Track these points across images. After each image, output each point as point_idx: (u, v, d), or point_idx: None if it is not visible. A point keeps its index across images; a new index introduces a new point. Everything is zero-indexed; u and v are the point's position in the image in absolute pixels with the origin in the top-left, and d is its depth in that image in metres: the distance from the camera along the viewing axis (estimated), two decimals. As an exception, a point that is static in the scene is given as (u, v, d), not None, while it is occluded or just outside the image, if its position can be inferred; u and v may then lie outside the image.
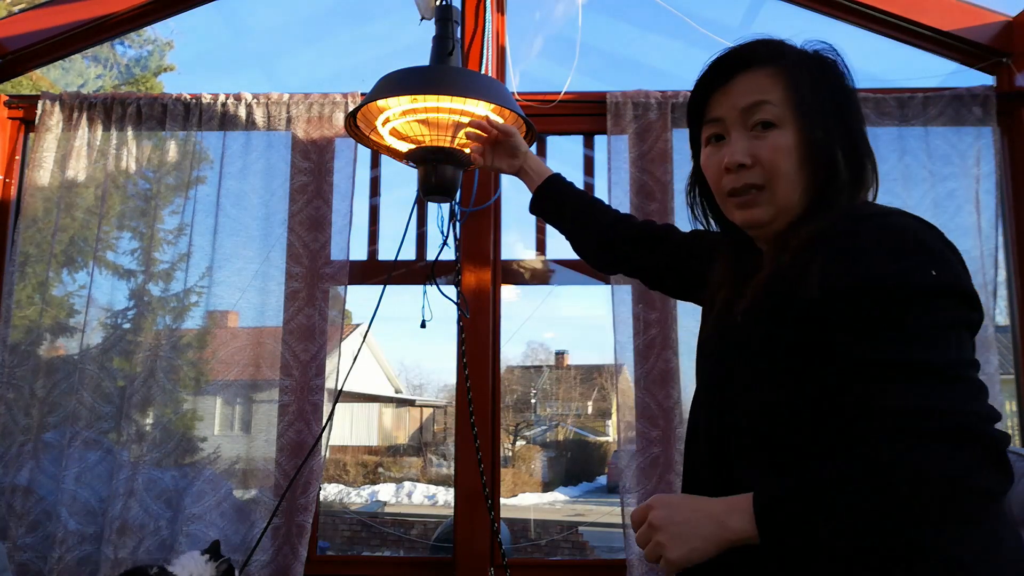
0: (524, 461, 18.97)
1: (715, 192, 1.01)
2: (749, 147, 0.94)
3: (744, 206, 0.96)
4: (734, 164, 0.94)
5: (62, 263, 2.31)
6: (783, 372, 0.88)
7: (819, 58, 0.97)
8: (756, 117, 0.94)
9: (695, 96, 1.01)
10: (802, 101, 0.93)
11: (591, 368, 24.23)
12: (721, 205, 1.02)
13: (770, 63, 0.95)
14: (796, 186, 0.94)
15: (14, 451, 2.13)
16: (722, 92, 0.97)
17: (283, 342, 2.18)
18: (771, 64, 0.95)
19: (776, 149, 0.93)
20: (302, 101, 2.28)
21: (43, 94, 2.31)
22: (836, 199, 0.92)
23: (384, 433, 21.27)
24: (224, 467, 2.18)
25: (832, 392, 0.83)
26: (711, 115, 0.99)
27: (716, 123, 0.98)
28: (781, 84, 0.94)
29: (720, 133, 0.98)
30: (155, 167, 2.29)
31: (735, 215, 0.98)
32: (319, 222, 2.23)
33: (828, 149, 0.93)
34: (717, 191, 1.00)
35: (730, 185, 0.96)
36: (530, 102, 2.28)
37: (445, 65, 1.72)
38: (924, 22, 2.26)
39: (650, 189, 2.21)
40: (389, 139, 1.74)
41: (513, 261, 2.34)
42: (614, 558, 2.21)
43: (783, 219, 0.95)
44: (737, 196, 0.96)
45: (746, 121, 0.95)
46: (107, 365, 2.20)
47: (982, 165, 2.20)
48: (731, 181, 0.96)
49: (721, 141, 0.98)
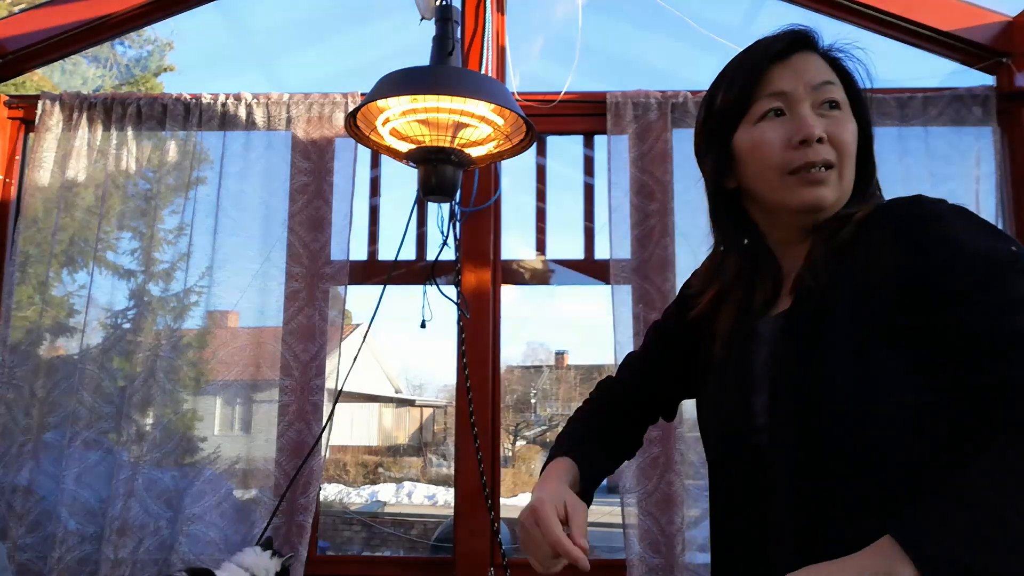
0: (524, 461, 18.98)
1: (768, 172, 0.92)
2: (822, 123, 0.90)
3: (814, 183, 0.89)
4: (814, 136, 0.88)
5: (62, 263, 2.31)
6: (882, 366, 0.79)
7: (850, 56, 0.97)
8: (826, 96, 0.91)
9: (751, 67, 0.94)
10: (857, 94, 0.94)
11: (591, 368, 24.24)
12: (770, 189, 0.93)
13: (821, 53, 0.95)
14: (853, 174, 0.92)
15: (14, 451, 2.13)
16: (783, 65, 0.92)
17: (283, 342, 2.18)
18: (829, 53, 0.95)
19: (847, 129, 0.91)
20: (302, 101, 2.28)
21: (43, 94, 2.31)
22: (873, 195, 0.94)
23: (384, 433, 21.28)
24: (224, 467, 2.18)
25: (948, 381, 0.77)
26: (774, 88, 0.92)
27: (780, 96, 0.91)
28: (838, 73, 0.94)
29: (781, 108, 0.92)
30: (155, 167, 2.29)
31: (799, 194, 0.90)
32: (319, 222, 2.23)
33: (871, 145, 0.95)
34: (775, 169, 0.91)
35: (801, 160, 0.89)
36: (530, 102, 2.28)
37: (445, 65, 1.72)
38: (924, 22, 2.26)
39: (650, 189, 2.21)
40: (389, 139, 1.74)
41: (513, 261, 2.34)
42: (614, 558, 2.21)
43: (837, 208, 0.91)
44: (806, 172, 0.89)
45: (815, 99, 0.91)
46: (107, 365, 2.20)
47: (982, 165, 2.20)
48: (803, 156, 0.89)
49: (781, 117, 0.92)
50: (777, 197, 0.92)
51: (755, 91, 0.93)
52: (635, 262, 2.19)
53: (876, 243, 0.83)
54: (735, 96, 0.94)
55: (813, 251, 0.90)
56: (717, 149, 0.97)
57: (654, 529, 2.05)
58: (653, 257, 2.18)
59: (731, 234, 1.02)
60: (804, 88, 0.91)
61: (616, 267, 2.20)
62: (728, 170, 0.98)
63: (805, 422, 0.82)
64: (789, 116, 0.91)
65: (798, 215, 0.92)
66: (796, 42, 0.93)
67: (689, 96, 2.25)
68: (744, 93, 0.94)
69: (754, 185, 0.95)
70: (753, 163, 0.93)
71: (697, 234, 2.17)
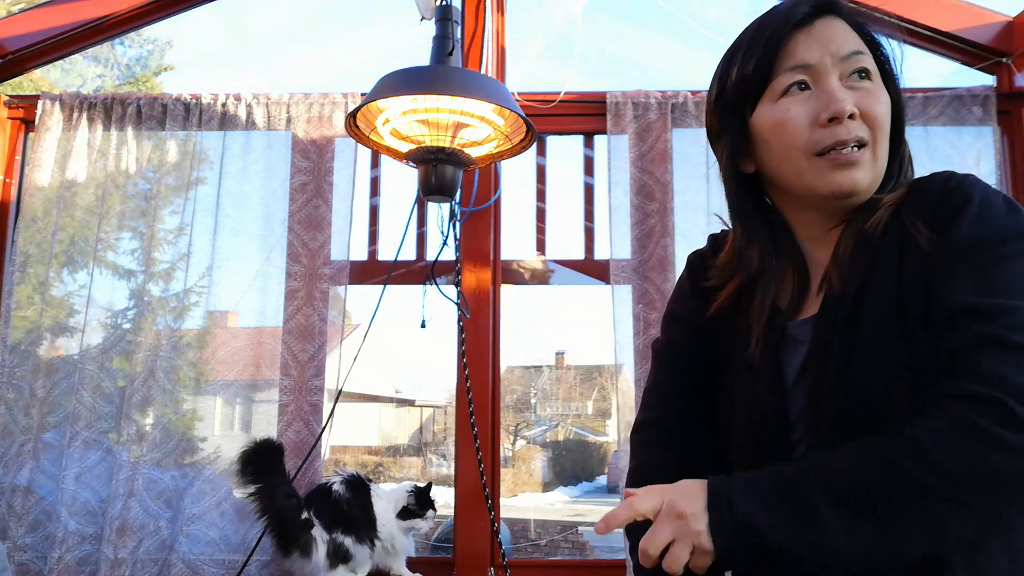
0: (524, 461, 18.99)
1: (792, 154, 0.83)
2: (852, 97, 0.81)
3: (847, 165, 0.80)
4: (844, 113, 0.79)
5: (62, 263, 2.31)
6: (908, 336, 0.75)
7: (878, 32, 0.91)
8: (857, 64, 0.82)
9: (771, 36, 0.84)
10: (887, 66, 0.87)
11: (591, 368, 24.25)
12: (796, 173, 0.84)
13: (853, 16, 0.86)
14: (887, 152, 0.84)
15: (14, 451, 2.13)
16: (806, 33, 0.83)
17: (283, 342, 2.18)
18: (854, 18, 0.86)
19: (880, 101, 0.82)
20: (302, 101, 2.28)
21: (43, 94, 2.31)
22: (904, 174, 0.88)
23: (384, 433, 21.29)
24: (224, 467, 2.17)
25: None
26: (798, 59, 0.82)
27: (804, 69, 0.82)
28: (865, 42, 0.86)
29: (806, 82, 0.82)
30: (155, 167, 2.29)
31: (830, 178, 0.81)
32: (319, 222, 2.23)
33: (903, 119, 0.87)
34: (801, 150, 0.82)
35: (831, 139, 0.80)
36: (530, 102, 2.28)
37: (445, 65, 1.72)
38: (924, 22, 2.26)
39: (650, 189, 2.21)
40: (389, 139, 1.74)
41: (513, 261, 2.34)
42: (614, 558, 2.21)
43: (870, 192, 0.84)
44: (837, 153, 0.80)
45: (843, 70, 0.82)
46: (107, 365, 2.20)
47: (982, 165, 2.20)
48: (833, 135, 0.80)
49: (806, 91, 0.83)
50: (805, 182, 0.83)
51: (776, 63, 0.83)
52: (635, 262, 2.19)
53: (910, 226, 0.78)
54: (753, 69, 0.85)
55: (840, 246, 0.83)
56: (733, 129, 0.88)
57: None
58: (653, 257, 2.18)
59: (754, 223, 0.91)
60: (831, 58, 0.82)
61: (616, 267, 2.20)
62: (746, 152, 0.89)
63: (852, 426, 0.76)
64: (815, 90, 0.82)
65: (829, 201, 0.84)
66: (820, 7, 0.84)
67: (689, 96, 2.25)
68: (764, 65, 0.84)
69: (778, 169, 0.86)
70: (776, 144, 0.84)
71: (697, 234, 2.17)
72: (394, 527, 2.01)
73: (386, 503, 2.03)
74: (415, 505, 2.02)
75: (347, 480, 2.01)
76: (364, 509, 1.98)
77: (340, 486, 1.99)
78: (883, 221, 0.81)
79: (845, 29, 0.84)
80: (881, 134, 0.82)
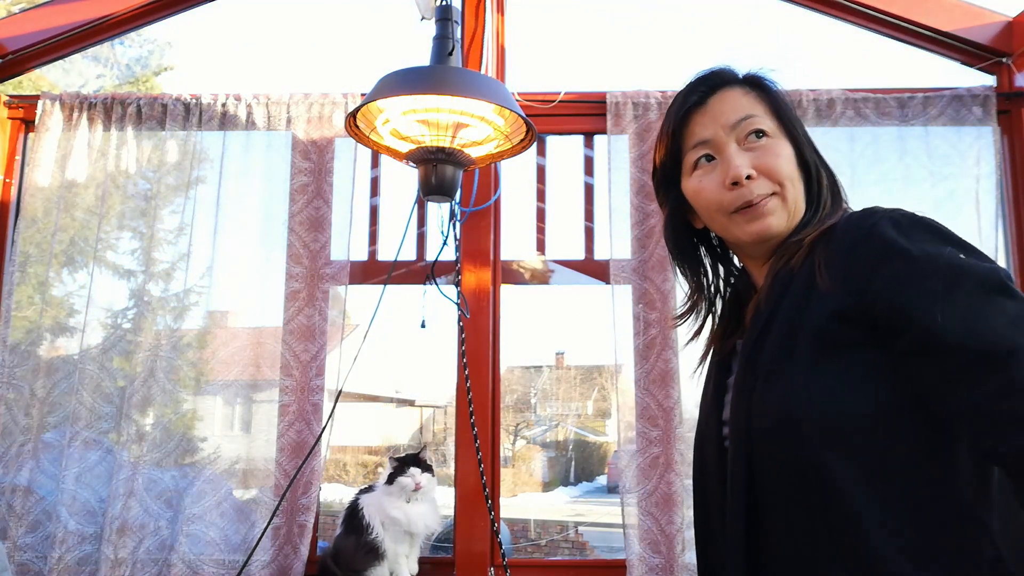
0: (524, 461, 18.98)
1: (715, 215, 0.96)
2: (749, 159, 0.92)
3: (758, 216, 0.92)
4: (741, 176, 0.91)
5: (62, 263, 2.31)
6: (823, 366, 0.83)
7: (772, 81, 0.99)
8: (748, 128, 0.93)
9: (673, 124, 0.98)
10: (785, 114, 0.96)
11: (591, 368, 24.23)
12: (722, 228, 0.97)
13: (740, 84, 0.97)
14: (800, 192, 0.94)
15: (14, 451, 2.13)
16: (701, 113, 0.96)
17: (283, 342, 2.18)
18: (741, 85, 0.97)
19: (777, 155, 0.93)
20: (302, 101, 2.28)
21: (43, 94, 2.31)
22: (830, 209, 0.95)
23: (384, 433, 21.28)
24: (224, 467, 2.17)
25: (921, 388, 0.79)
26: (697, 138, 0.96)
27: (704, 144, 0.95)
28: (760, 101, 0.96)
29: (710, 154, 0.95)
30: (155, 167, 2.29)
31: (746, 229, 0.93)
32: (319, 222, 2.23)
33: (815, 159, 0.97)
34: (719, 211, 0.95)
35: (739, 200, 0.92)
36: (530, 102, 2.28)
37: (445, 65, 1.72)
38: (924, 22, 2.26)
39: (650, 189, 2.21)
40: (389, 139, 1.74)
41: (513, 261, 2.34)
42: (614, 558, 2.21)
43: (791, 227, 0.94)
44: (747, 209, 0.92)
45: (738, 135, 0.94)
46: (107, 365, 2.20)
47: (982, 165, 2.20)
48: (739, 196, 0.92)
49: (712, 161, 0.95)
50: (730, 234, 0.97)
51: (682, 144, 0.98)
52: (635, 262, 2.19)
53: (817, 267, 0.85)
54: (666, 152, 1.00)
55: (765, 278, 0.94)
56: (671, 199, 1.03)
57: (654, 529, 2.06)
58: (653, 257, 2.18)
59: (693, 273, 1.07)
60: (723, 129, 0.94)
61: (616, 267, 2.20)
62: (690, 211, 1.02)
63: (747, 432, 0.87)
64: (719, 159, 0.94)
65: (754, 247, 0.96)
66: (711, 87, 0.97)
67: (689, 96, 2.25)
68: (673, 148, 0.99)
69: (711, 226, 1.00)
70: (700, 208, 0.98)
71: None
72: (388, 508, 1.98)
73: (377, 495, 2.03)
74: (396, 470, 2.00)
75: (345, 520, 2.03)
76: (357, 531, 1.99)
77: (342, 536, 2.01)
78: (801, 256, 0.89)
79: (738, 97, 0.96)
80: (787, 182, 0.93)
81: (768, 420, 0.85)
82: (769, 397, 0.85)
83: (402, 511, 1.98)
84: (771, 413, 0.85)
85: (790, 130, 0.96)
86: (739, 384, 0.91)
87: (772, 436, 0.84)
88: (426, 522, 2.01)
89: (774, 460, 0.85)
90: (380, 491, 2.02)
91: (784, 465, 0.84)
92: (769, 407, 0.85)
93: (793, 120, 0.96)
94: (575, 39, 53.11)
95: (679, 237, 1.05)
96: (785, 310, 0.87)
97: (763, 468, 0.86)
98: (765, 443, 0.85)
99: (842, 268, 0.83)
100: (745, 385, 0.89)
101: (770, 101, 0.96)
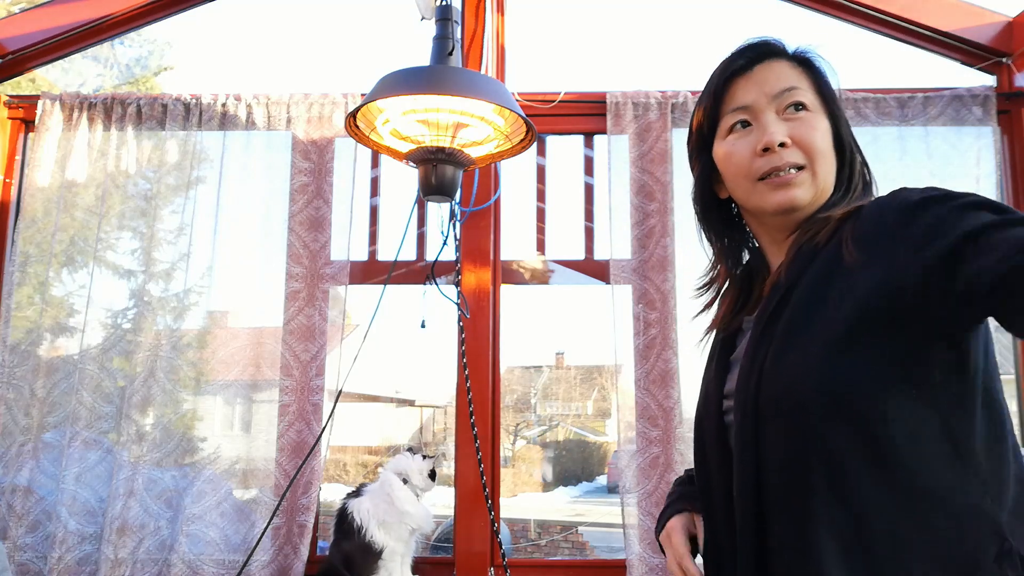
0: (524, 461, 18.98)
1: (740, 181, 0.96)
2: (786, 128, 0.93)
3: (784, 186, 0.92)
4: (774, 143, 0.91)
5: (62, 263, 2.31)
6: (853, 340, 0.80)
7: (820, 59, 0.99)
8: (790, 100, 0.94)
9: (715, 86, 0.99)
10: (828, 94, 0.96)
11: (591, 368, 24.23)
12: (746, 196, 0.97)
13: (788, 58, 0.97)
14: (831, 170, 0.94)
15: (14, 451, 2.13)
16: (745, 79, 0.96)
17: (283, 342, 2.18)
18: (789, 59, 0.97)
19: (814, 128, 0.93)
20: (302, 101, 2.28)
21: (43, 94, 2.31)
22: (860, 194, 0.95)
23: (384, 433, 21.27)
24: (224, 467, 2.18)
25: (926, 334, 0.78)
26: (737, 103, 0.96)
27: (743, 110, 0.96)
28: (805, 76, 0.96)
29: (747, 120, 0.96)
30: (155, 167, 2.29)
31: (771, 198, 0.93)
32: (319, 222, 2.23)
33: (851, 142, 0.97)
34: (746, 177, 0.95)
35: (767, 166, 0.92)
36: (530, 102, 2.28)
37: (445, 65, 1.72)
38: (924, 22, 2.26)
39: (650, 189, 2.21)
40: (389, 139, 1.74)
41: (513, 261, 2.34)
42: (614, 558, 2.21)
43: (814, 206, 0.93)
44: (775, 177, 0.92)
45: (779, 105, 0.94)
46: (107, 365, 2.20)
47: (982, 165, 2.20)
48: (768, 162, 0.92)
49: (747, 128, 0.96)
50: (753, 203, 0.96)
51: (721, 108, 0.98)
52: (635, 262, 2.19)
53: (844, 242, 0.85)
54: (705, 115, 1.01)
55: (788, 251, 0.93)
56: (702, 162, 1.03)
57: (654, 529, 2.06)
58: (653, 257, 2.18)
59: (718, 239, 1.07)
60: (765, 97, 0.94)
61: (616, 267, 2.20)
62: (718, 180, 1.03)
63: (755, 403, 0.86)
64: (755, 126, 0.95)
65: (776, 217, 0.95)
66: (758, 55, 0.97)
67: (689, 96, 2.25)
68: (712, 111, 0.99)
69: (735, 193, 1.00)
70: (728, 173, 0.99)
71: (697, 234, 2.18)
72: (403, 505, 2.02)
73: (371, 499, 2.04)
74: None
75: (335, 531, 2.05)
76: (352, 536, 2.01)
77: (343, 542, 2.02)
78: (827, 232, 0.89)
79: (784, 68, 0.96)
80: (818, 157, 0.93)
81: (778, 388, 0.84)
82: (782, 367, 0.84)
83: (415, 508, 2.03)
84: (782, 383, 0.83)
85: (831, 109, 0.96)
86: (750, 355, 0.89)
87: (780, 405, 0.84)
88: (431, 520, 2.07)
89: (780, 431, 0.84)
90: (385, 492, 2.03)
91: (790, 436, 0.83)
92: (781, 377, 0.84)
93: (836, 101, 0.97)
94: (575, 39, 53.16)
95: (706, 203, 1.06)
96: (807, 284, 0.86)
97: (770, 441, 0.85)
98: (773, 413, 0.84)
99: (872, 238, 0.82)
100: (757, 355, 0.88)
101: (815, 78, 0.97)
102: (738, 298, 1.05)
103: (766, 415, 0.85)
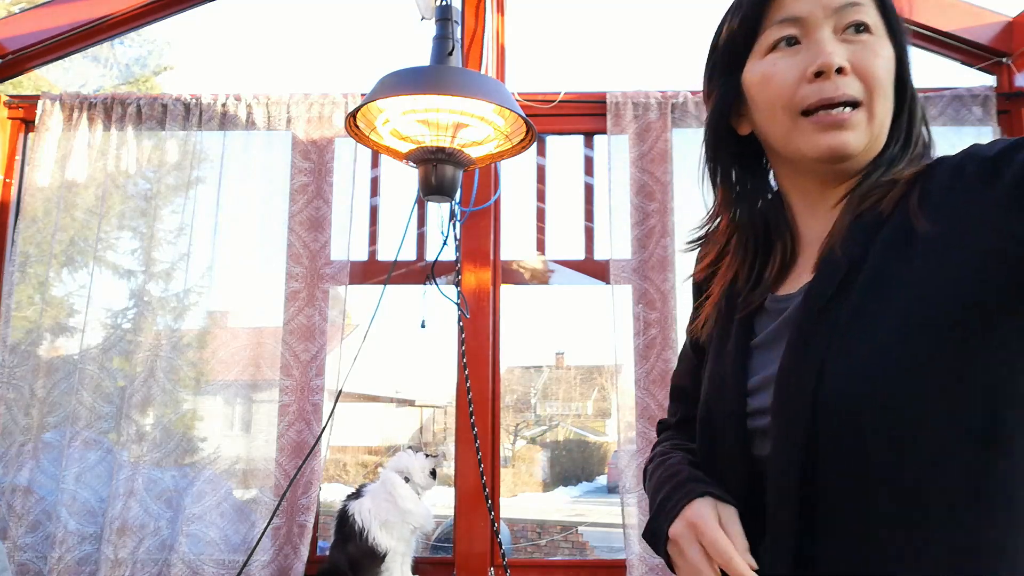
0: (524, 461, 18.99)
1: (778, 113, 0.77)
2: (845, 51, 0.74)
3: (835, 127, 0.73)
4: (831, 66, 0.72)
5: (62, 263, 2.31)
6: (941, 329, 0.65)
7: None
8: (852, 17, 0.75)
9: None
10: (894, 16, 0.78)
11: (591, 368, 24.25)
12: (784, 134, 0.77)
13: None
14: (889, 113, 0.76)
15: (14, 451, 2.13)
16: None
17: (283, 342, 2.18)
18: None
19: (877, 54, 0.74)
20: (302, 101, 2.28)
21: (43, 94, 2.31)
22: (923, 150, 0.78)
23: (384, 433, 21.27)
24: (224, 467, 2.18)
25: None
26: (787, 12, 0.76)
27: (793, 22, 0.76)
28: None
29: (795, 36, 0.76)
30: (155, 167, 2.29)
31: (817, 140, 0.74)
32: (319, 222, 2.23)
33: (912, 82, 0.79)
34: (786, 108, 0.76)
35: (817, 96, 0.73)
36: (530, 102, 2.28)
37: (445, 65, 1.72)
38: (924, 22, 2.26)
39: (650, 189, 2.21)
40: (389, 139, 1.74)
41: (513, 261, 2.34)
42: (614, 558, 2.21)
43: (866, 155, 0.76)
44: (824, 113, 0.74)
45: (837, 23, 0.75)
46: (107, 365, 2.20)
47: (982, 165, 2.20)
48: (819, 91, 0.73)
49: (795, 46, 0.76)
50: (792, 144, 0.77)
51: (764, 17, 0.78)
52: (635, 262, 2.19)
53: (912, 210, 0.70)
54: (740, 23, 0.80)
55: (840, 219, 0.75)
56: (723, 85, 0.83)
57: (649, 530, 2.05)
58: (653, 257, 2.18)
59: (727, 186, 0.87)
60: (823, 10, 0.75)
61: (616, 267, 2.20)
62: (740, 112, 0.83)
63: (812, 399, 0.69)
64: (805, 45, 0.76)
65: (820, 165, 0.77)
66: None
67: (689, 96, 2.25)
68: (752, 20, 0.79)
69: (767, 129, 0.80)
70: (762, 102, 0.78)
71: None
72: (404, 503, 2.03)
73: (372, 499, 2.04)
74: None
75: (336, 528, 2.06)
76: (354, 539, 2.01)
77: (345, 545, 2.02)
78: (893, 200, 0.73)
79: None
80: (879, 92, 0.74)
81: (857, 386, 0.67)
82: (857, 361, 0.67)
83: (417, 506, 2.04)
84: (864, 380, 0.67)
85: (896, 36, 0.77)
86: (799, 346, 0.72)
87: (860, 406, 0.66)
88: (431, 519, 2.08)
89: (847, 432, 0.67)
90: (386, 490, 2.03)
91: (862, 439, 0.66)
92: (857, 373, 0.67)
93: (901, 26, 0.78)
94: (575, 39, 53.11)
95: (718, 140, 0.85)
96: (876, 263, 0.70)
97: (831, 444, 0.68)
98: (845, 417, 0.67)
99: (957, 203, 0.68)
100: (811, 347, 0.70)
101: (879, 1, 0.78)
102: (752, 263, 0.84)
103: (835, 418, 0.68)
